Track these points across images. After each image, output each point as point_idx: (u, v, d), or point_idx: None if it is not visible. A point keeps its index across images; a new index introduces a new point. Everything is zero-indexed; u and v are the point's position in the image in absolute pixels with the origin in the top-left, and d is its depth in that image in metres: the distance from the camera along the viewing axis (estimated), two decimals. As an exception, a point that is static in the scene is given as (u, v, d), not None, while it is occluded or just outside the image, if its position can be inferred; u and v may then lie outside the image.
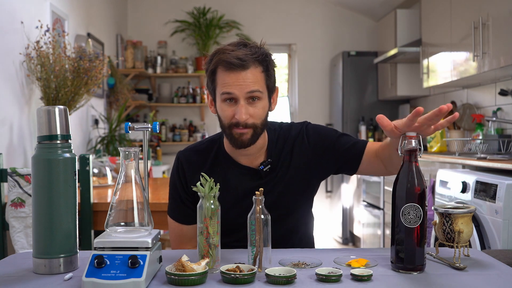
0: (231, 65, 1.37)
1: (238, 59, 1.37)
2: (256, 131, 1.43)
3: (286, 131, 1.57)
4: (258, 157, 1.52)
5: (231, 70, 1.38)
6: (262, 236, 1.19)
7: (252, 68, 1.39)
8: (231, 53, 1.38)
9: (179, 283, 1.06)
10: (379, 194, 4.24)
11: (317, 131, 1.56)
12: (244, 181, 1.50)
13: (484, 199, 2.27)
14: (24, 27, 2.91)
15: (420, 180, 1.15)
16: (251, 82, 1.39)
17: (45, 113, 1.17)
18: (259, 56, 1.40)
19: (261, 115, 1.43)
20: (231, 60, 1.37)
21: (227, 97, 1.40)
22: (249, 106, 1.40)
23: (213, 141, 1.57)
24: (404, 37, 4.55)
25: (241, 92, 1.38)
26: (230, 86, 1.38)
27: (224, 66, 1.39)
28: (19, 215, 2.09)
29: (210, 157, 1.54)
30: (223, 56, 1.38)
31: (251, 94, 1.39)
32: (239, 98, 1.39)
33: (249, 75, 1.38)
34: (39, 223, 1.17)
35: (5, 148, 2.69)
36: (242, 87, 1.38)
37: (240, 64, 1.37)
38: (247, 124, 1.40)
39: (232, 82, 1.38)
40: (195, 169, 1.51)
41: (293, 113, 5.84)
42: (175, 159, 1.58)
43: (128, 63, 5.15)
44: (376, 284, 1.07)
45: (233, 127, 1.42)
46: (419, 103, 4.97)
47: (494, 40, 2.97)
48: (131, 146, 3.15)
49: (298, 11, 5.75)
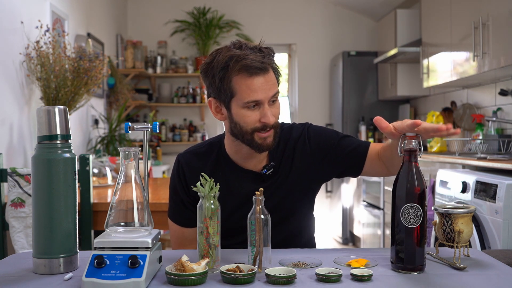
0: (255, 70, 1.35)
1: (261, 62, 1.35)
2: (277, 130, 1.44)
3: (287, 133, 1.56)
4: (262, 160, 1.51)
5: (255, 75, 1.36)
6: (262, 236, 1.19)
7: (270, 70, 1.39)
8: (248, 57, 1.35)
9: (179, 283, 1.06)
10: (379, 194, 4.24)
11: (318, 134, 1.55)
12: (246, 185, 1.48)
13: (484, 199, 2.27)
14: (24, 27, 2.91)
15: (420, 180, 1.15)
16: (272, 85, 1.39)
17: (45, 113, 1.17)
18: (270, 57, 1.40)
19: (279, 114, 1.45)
20: (253, 64, 1.34)
21: (253, 104, 1.38)
22: (271, 108, 1.41)
23: (212, 144, 1.55)
24: (404, 37, 4.55)
25: (266, 96, 1.38)
26: (255, 92, 1.36)
27: (246, 72, 1.35)
28: (19, 215, 2.09)
29: (211, 161, 1.52)
30: (243, 62, 1.34)
31: (274, 98, 1.40)
32: (264, 102, 1.38)
33: (270, 78, 1.38)
34: (39, 223, 1.17)
35: (5, 148, 2.69)
36: (266, 91, 1.37)
37: (263, 67, 1.36)
38: (272, 125, 1.41)
39: (257, 87, 1.36)
40: (196, 173, 1.47)
41: (293, 113, 5.84)
42: (175, 161, 1.57)
43: (128, 63, 5.15)
44: (376, 284, 1.07)
45: (256, 132, 1.40)
46: (419, 103, 4.97)
47: (494, 40, 2.97)
48: (131, 146, 3.15)
49: (298, 11, 5.75)
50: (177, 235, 1.57)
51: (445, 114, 4.02)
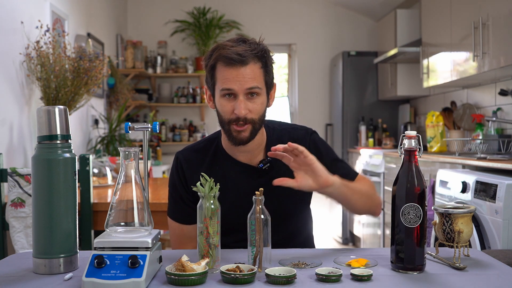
0: (231, 61, 1.38)
1: (238, 54, 1.38)
2: (255, 127, 1.44)
3: (287, 132, 1.57)
4: (257, 155, 1.52)
5: (230, 66, 1.39)
6: (262, 236, 1.19)
7: (251, 64, 1.40)
8: (231, 48, 1.39)
9: (179, 283, 1.06)
10: (379, 194, 4.24)
11: (318, 144, 1.57)
12: (243, 179, 1.50)
13: (484, 199, 2.27)
14: (24, 27, 2.91)
15: (420, 180, 1.15)
16: (250, 78, 1.40)
17: (45, 113, 1.17)
18: (258, 52, 1.41)
19: (260, 111, 1.44)
20: (231, 55, 1.38)
21: (226, 93, 1.41)
22: (248, 102, 1.41)
23: (211, 140, 1.58)
24: (404, 37, 4.55)
25: (240, 88, 1.39)
26: (229, 81, 1.40)
27: (223, 62, 1.40)
28: (19, 215, 2.09)
29: (209, 156, 1.54)
30: (223, 51, 1.39)
31: (250, 90, 1.41)
32: (238, 93, 1.40)
33: (248, 71, 1.40)
34: (39, 223, 1.17)
35: (5, 148, 2.69)
36: (242, 83, 1.39)
37: (240, 59, 1.38)
38: (246, 120, 1.41)
39: (232, 77, 1.39)
40: (194, 168, 1.51)
41: (293, 113, 5.84)
42: (174, 159, 1.58)
43: (128, 63, 5.15)
44: (376, 284, 1.07)
45: (232, 123, 1.43)
46: (419, 103, 4.97)
47: (494, 40, 2.97)
48: (131, 146, 3.15)
49: (298, 11, 5.75)
50: (177, 234, 1.57)
51: (445, 114, 4.02)
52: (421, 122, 4.83)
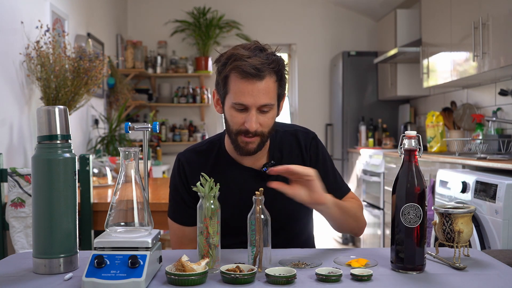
0: (247, 74, 1.35)
1: (255, 69, 1.34)
2: (263, 139, 1.43)
3: (290, 136, 1.57)
4: (260, 158, 1.52)
5: (246, 79, 1.35)
6: (262, 236, 1.19)
7: (267, 79, 1.37)
8: (247, 60, 1.35)
9: (179, 283, 1.06)
10: (379, 194, 4.24)
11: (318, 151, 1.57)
12: (247, 183, 1.49)
13: (484, 199, 2.27)
14: (24, 27, 2.91)
15: (420, 180, 1.15)
16: (264, 94, 1.37)
17: (45, 113, 1.17)
18: (275, 67, 1.38)
19: (270, 124, 1.43)
20: (247, 69, 1.34)
21: (240, 107, 1.39)
22: (259, 116, 1.39)
23: (213, 143, 1.56)
24: (404, 37, 4.55)
25: (254, 103, 1.37)
26: (243, 96, 1.36)
27: (239, 74, 1.36)
28: (19, 215, 2.09)
29: (211, 158, 1.53)
30: (239, 63, 1.35)
31: (263, 108, 1.39)
32: (251, 108, 1.38)
33: (263, 86, 1.36)
34: (39, 223, 1.17)
35: (5, 148, 2.69)
36: (256, 99, 1.36)
37: (256, 74, 1.35)
38: (256, 132, 1.40)
39: (247, 92, 1.36)
40: (196, 171, 1.49)
41: (293, 113, 5.84)
42: (176, 160, 1.57)
43: (128, 63, 5.14)
44: (376, 284, 1.07)
45: (240, 134, 1.41)
46: (419, 103, 4.98)
47: (494, 40, 2.97)
48: (131, 146, 3.15)
49: (298, 11, 5.75)
50: (177, 235, 1.57)
51: (445, 114, 4.02)
52: (421, 122, 4.84)
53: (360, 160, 4.81)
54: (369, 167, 4.48)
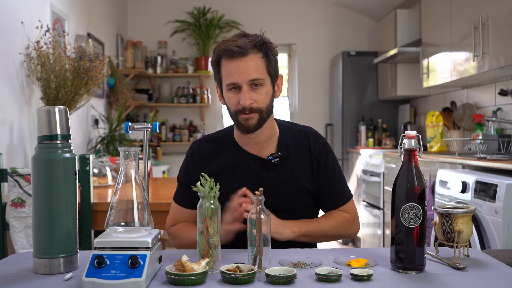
0: (232, 53, 1.43)
1: (238, 47, 1.43)
2: (262, 115, 1.48)
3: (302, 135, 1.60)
4: (267, 147, 1.56)
5: (232, 58, 1.44)
6: (262, 236, 1.19)
7: (252, 55, 1.45)
8: (232, 42, 1.45)
9: (179, 283, 1.06)
10: (379, 194, 4.24)
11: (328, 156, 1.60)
12: (251, 170, 1.54)
13: (484, 199, 2.27)
14: (24, 27, 2.91)
15: (420, 180, 1.16)
16: (251, 70, 1.45)
17: (45, 113, 1.17)
18: (257, 43, 1.46)
19: (265, 100, 1.49)
20: (232, 48, 1.43)
21: (232, 87, 1.46)
22: (252, 92, 1.46)
23: (225, 131, 1.64)
24: (404, 37, 4.55)
25: (243, 79, 1.44)
26: (232, 75, 1.45)
27: (226, 56, 1.45)
28: (19, 215, 2.09)
29: (220, 145, 1.60)
30: (224, 45, 1.45)
31: (253, 82, 1.45)
32: (242, 85, 1.45)
33: (249, 62, 1.44)
34: (39, 223, 1.17)
35: (5, 148, 2.69)
36: (244, 75, 1.44)
37: (240, 51, 1.43)
38: (252, 109, 1.46)
39: (234, 70, 1.44)
40: (205, 156, 1.58)
41: (293, 113, 5.84)
42: (189, 147, 1.65)
43: (128, 63, 5.14)
44: (376, 284, 1.08)
45: (239, 113, 1.47)
46: (419, 103, 4.98)
47: (494, 40, 2.97)
48: (131, 146, 3.15)
49: (298, 11, 5.75)
50: (175, 212, 1.63)
51: (445, 114, 4.02)
52: (421, 122, 4.84)
53: (360, 160, 4.81)
54: (369, 167, 4.48)
